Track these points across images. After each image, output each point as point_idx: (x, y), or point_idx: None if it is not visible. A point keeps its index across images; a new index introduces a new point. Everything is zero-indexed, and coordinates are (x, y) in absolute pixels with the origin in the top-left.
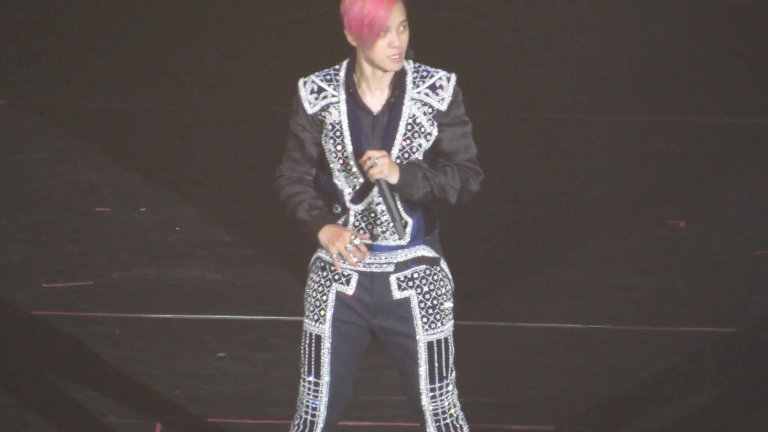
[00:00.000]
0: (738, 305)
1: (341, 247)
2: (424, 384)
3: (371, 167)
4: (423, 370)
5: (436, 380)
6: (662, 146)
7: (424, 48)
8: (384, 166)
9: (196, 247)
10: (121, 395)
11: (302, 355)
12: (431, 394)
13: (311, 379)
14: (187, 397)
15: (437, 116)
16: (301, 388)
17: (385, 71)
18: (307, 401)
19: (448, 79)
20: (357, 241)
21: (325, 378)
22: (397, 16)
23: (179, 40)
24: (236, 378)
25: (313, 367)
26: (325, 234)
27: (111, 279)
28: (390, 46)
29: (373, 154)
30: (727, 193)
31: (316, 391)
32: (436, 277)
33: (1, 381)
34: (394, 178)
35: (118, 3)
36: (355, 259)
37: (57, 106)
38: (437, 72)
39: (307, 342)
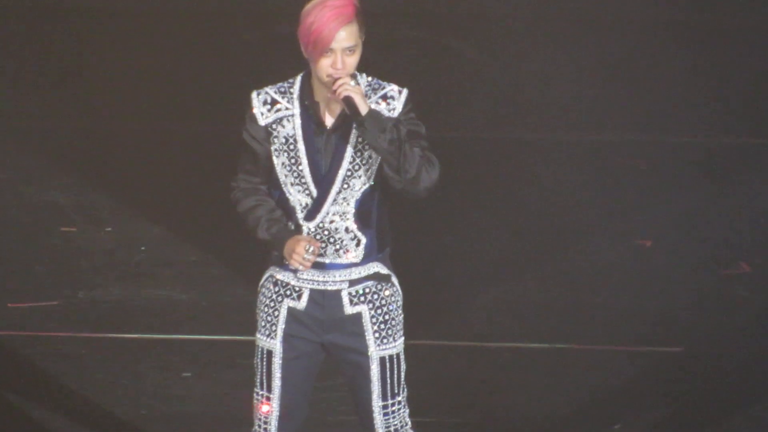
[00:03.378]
0: (705, 325)
1: (299, 260)
2: (376, 401)
3: (341, 85)
4: (375, 386)
5: (389, 397)
6: (629, 165)
7: (387, 66)
8: (356, 88)
9: (162, 266)
10: (86, 416)
11: (255, 369)
12: (384, 411)
13: (263, 393)
14: (153, 417)
15: None
16: (255, 402)
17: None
18: (259, 415)
19: (400, 92)
20: (311, 250)
21: (276, 392)
22: (343, 40)
23: (146, 60)
24: (202, 398)
25: (264, 381)
26: (285, 250)
27: (76, 299)
28: (332, 66)
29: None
30: (693, 212)
31: (267, 405)
32: (387, 293)
33: None
34: (363, 108)
35: (84, 25)
36: (309, 264)
37: (22, 126)
38: (389, 84)
39: (259, 356)
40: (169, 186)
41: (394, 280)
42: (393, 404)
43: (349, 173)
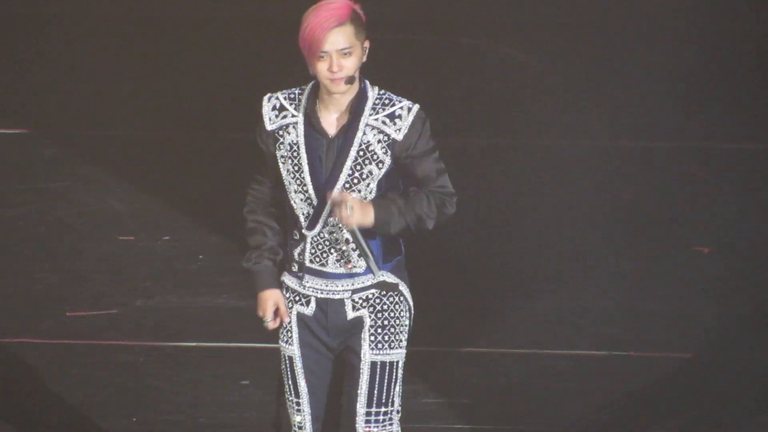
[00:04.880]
0: (764, 332)
1: (261, 315)
2: (360, 405)
3: (344, 217)
4: (362, 389)
5: (374, 404)
6: (686, 172)
7: (409, 73)
8: (356, 214)
9: (220, 274)
10: (145, 423)
11: (283, 376)
12: (366, 418)
13: (292, 398)
14: (211, 424)
15: (392, 145)
16: (288, 409)
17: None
18: (293, 419)
19: (409, 110)
20: (269, 321)
21: (304, 397)
22: (336, 42)
23: (202, 67)
24: (260, 406)
25: (291, 387)
26: (259, 298)
27: (135, 307)
28: (329, 69)
29: (345, 199)
30: (750, 218)
31: (299, 409)
32: (391, 300)
33: (26, 409)
34: (368, 220)
35: (139, 33)
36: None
37: (80, 134)
38: (400, 101)
39: (284, 363)
40: (227, 194)
41: (403, 288)
42: (378, 413)
43: (347, 185)
